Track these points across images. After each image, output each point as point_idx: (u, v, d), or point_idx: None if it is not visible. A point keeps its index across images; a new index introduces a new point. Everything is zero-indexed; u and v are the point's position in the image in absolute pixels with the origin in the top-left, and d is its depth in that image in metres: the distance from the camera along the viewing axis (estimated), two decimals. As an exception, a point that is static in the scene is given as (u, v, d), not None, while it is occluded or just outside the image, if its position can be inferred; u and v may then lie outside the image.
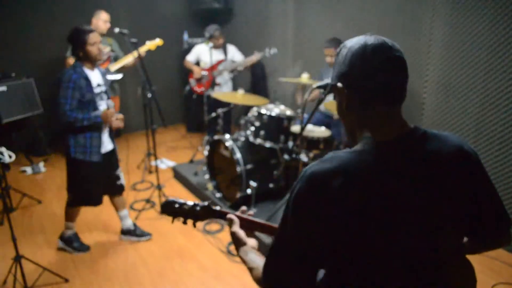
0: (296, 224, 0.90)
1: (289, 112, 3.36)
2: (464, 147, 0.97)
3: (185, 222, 1.27)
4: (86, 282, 2.63)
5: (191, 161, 4.43)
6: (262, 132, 3.27)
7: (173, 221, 1.29)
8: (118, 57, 4.28)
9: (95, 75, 2.68)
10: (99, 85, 2.70)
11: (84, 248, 2.96)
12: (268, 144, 3.27)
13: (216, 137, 3.50)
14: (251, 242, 1.18)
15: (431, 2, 3.05)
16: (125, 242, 3.09)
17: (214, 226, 3.28)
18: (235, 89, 4.66)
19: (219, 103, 4.00)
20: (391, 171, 0.89)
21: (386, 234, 0.87)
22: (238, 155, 3.24)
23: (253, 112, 3.37)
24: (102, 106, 2.72)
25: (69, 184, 2.80)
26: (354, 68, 0.92)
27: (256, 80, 5.36)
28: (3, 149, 2.43)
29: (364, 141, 0.93)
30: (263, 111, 3.29)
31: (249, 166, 3.26)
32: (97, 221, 3.37)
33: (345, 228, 0.86)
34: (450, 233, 0.96)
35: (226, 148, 3.35)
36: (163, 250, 2.99)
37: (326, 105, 3.31)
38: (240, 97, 3.63)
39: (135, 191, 3.95)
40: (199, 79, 4.73)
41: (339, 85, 0.95)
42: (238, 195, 3.27)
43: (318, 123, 3.59)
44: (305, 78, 3.32)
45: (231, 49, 4.76)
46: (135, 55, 3.32)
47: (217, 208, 1.27)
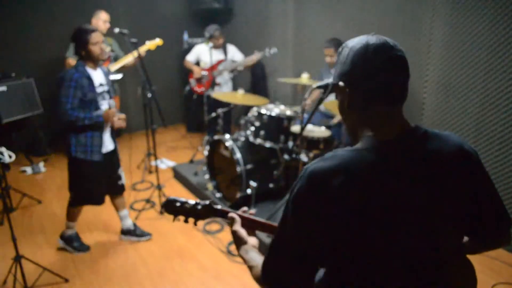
0: (296, 222, 0.90)
1: (289, 112, 3.36)
2: (465, 146, 0.97)
3: (186, 221, 1.28)
4: (86, 282, 2.63)
5: (191, 161, 4.43)
6: (262, 132, 3.27)
7: (174, 219, 1.29)
8: (118, 57, 4.28)
9: (97, 75, 2.69)
10: (101, 84, 2.70)
11: (84, 248, 2.96)
12: (268, 144, 3.27)
13: (216, 137, 3.50)
14: (252, 241, 1.18)
15: (431, 2, 3.05)
16: (125, 242, 3.09)
17: (214, 226, 3.28)
18: (235, 89, 4.66)
19: (219, 103, 4.00)
20: (391, 170, 0.89)
21: (386, 233, 0.87)
22: (238, 155, 3.24)
23: (253, 112, 3.37)
24: (104, 105, 2.72)
25: (70, 184, 2.80)
26: (356, 67, 0.92)
27: (256, 80, 5.36)
28: (3, 149, 2.42)
29: (365, 140, 0.93)
30: (263, 111, 3.29)
31: (249, 166, 3.26)
32: (97, 221, 3.37)
33: (345, 227, 0.86)
34: (450, 232, 0.96)
35: (226, 148, 3.35)
36: (163, 250, 2.99)
37: (326, 105, 3.31)
38: (240, 97, 3.63)
39: (135, 191, 3.95)
40: (199, 79, 4.73)
41: (341, 84, 0.96)
42: (238, 195, 3.28)
43: (318, 123, 3.59)
44: (305, 78, 3.32)
45: (231, 49, 4.76)
46: (135, 55, 3.32)
47: (219, 207, 1.27)
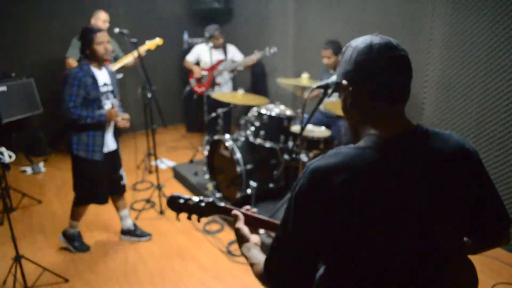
0: (297, 220, 0.90)
1: (289, 112, 3.36)
2: (466, 146, 0.98)
3: (189, 218, 1.29)
4: (86, 282, 2.63)
5: (191, 161, 4.43)
6: (262, 132, 3.27)
7: (177, 216, 1.30)
8: (118, 57, 4.28)
9: (102, 74, 2.70)
10: (105, 84, 2.71)
11: (84, 248, 2.96)
12: (268, 144, 3.27)
13: (216, 137, 3.50)
14: (255, 239, 1.19)
15: (431, 2, 3.05)
16: (125, 242, 3.09)
17: (214, 226, 3.28)
18: (235, 89, 4.66)
19: (219, 103, 4.00)
20: (392, 169, 0.89)
21: (387, 233, 0.87)
22: (238, 155, 3.24)
23: (253, 112, 3.37)
24: (107, 105, 2.73)
25: (74, 183, 2.82)
26: (359, 66, 0.93)
27: (256, 80, 5.36)
28: (3, 149, 2.42)
29: (368, 138, 0.94)
30: (263, 111, 3.29)
31: (249, 166, 3.26)
32: (97, 221, 3.37)
33: (345, 226, 0.86)
34: (450, 232, 0.96)
35: (226, 148, 3.35)
36: (163, 250, 2.99)
37: (326, 105, 3.31)
38: (240, 97, 3.63)
39: (135, 191, 3.95)
40: (199, 79, 4.73)
41: (344, 82, 0.97)
42: (238, 195, 3.28)
43: (318, 123, 3.59)
44: (305, 78, 3.31)
45: (231, 49, 4.76)
46: (135, 55, 3.32)
47: (222, 204, 1.28)
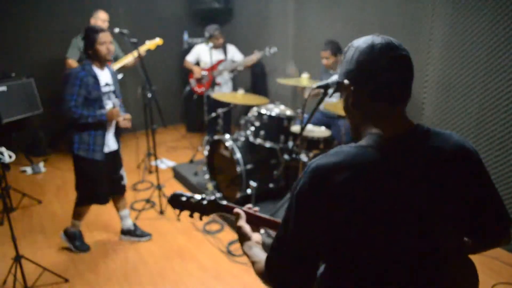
0: (298, 218, 0.91)
1: (289, 112, 3.35)
2: (466, 145, 0.98)
3: (191, 216, 1.30)
4: (86, 282, 2.63)
5: (191, 161, 4.43)
6: (262, 132, 3.27)
7: (179, 214, 1.31)
8: (118, 57, 4.28)
9: (104, 74, 2.70)
10: (107, 84, 2.71)
11: (85, 248, 2.96)
12: (268, 144, 3.27)
13: (216, 137, 3.50)
14: (256, 237, 1.19)
15: (431, 2, 3.05)
16: (125, 242, 3.09)
17: (214, 226, 3.28)
18: (235, 89, 4.66)
19: (219, 103, 4.00)
20: (393, 168, 0.89)
21: (387, 233, 0.88)
22: (238, 155, 3.24)
23: (253, 112, 3.37)
24: (109, 105, 2.74)
25: (76, 182, 2.82)
26: (361, 66, 0.93)
27: (256, 80, 5.36)
28: (3, 149, 2.42)
29: (369, 137, 0.94)
30: (263, 111, 3.29)
31: (249, 166, 3.26)
32: (97, 221, 3.37)
33: (346, 225, 0.86)
34: (450, 232, 0.96)
35: (226, 148, 3.35)
36: (163, 250, 2.99)
37: (326, 105, 3.31)
38: (240, 97, 3.63)
39: (135, 191, 3.95)
40: (199, 79, 4.73)
41: (346, 82, 0.97)
42: (238, 195, 3.28)
43: (318, 123, 3.59)
44: (305, 78, 3.31)
45: (231, 49, 4.76)
46: (135, 55, 3.32)
47: (224, 202, 1.29)
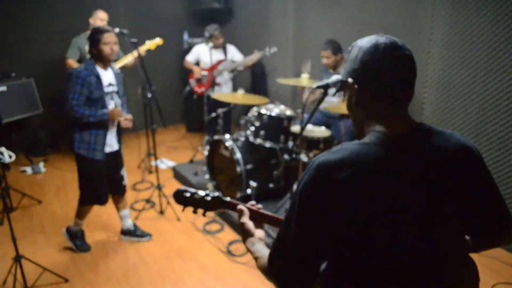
0: (301, 217, 0.91)
1: (289, 112, 3.35)
2: (467, 144, 0.98)
3: (195, 211, 1.31)
4: (86, 282, 2.63)
5: (191, 161, 4.43)
6: (262, 132, 3.27)
7: (183, 209, 1.32)
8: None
9: (107, 75, 2.71)
10: (110, 84, 2.72)
11: (85, 247, 2.96)
12: (268, 144, 3.27)
13: (216, 137, 3.50)
14: (259, 234, 1.20)
15: (431, 2, 3.05)
16: (125, 242, 3.09)
17: (214, 226, 3.28)
18: (235, 89, 4.66)
19: (219, 103, 4.00)
20: (394, 167, 0.90)
21: (387, 232, 0.88)
22: (238, 155, 3.24)
23: (253, 112, 3.37)
24: (111, 105, 2.74)
25: (79, 182, 2.83)
26: (365, 65, 0.94)
27: (256, 80, 5.36)
28: (3, 149, 2.42)
29: (373, 134, 0.94)
30: (263, 111, 3.29)
31: (249, 166, 3.26)
32: (97, 221, 3.37)
33: (347, 223, 0.86)
34: (451, 232, 0.96)
35: (226, 148, 3.35)
36: (163, 250, 2.99)
37: (326, 106, 3.31)
38: (240, 97, 3.63)
39: (135, 191, 3.95)
40: (199, 79, 4.73)
41: (350, 80, 0.98)
42: (238, 195, 3.28)
43: (318, 123, 3.59)
44: (305, 78, 3.31)
45: (231, 49, 4.76)
46: (135, 55, 3.32)
47: (228, 199, 1.29)
